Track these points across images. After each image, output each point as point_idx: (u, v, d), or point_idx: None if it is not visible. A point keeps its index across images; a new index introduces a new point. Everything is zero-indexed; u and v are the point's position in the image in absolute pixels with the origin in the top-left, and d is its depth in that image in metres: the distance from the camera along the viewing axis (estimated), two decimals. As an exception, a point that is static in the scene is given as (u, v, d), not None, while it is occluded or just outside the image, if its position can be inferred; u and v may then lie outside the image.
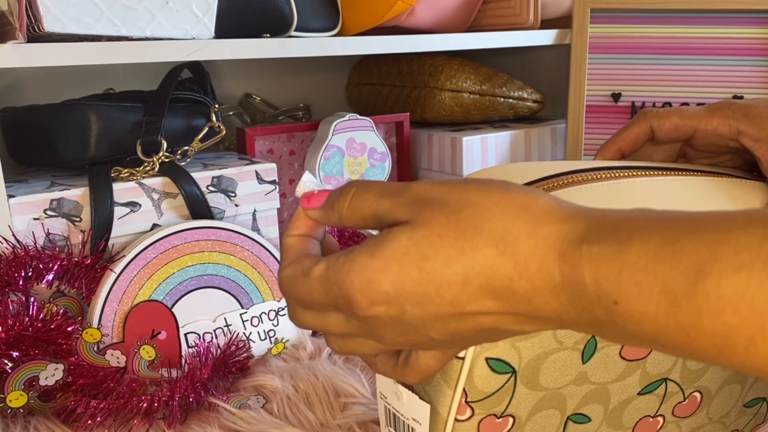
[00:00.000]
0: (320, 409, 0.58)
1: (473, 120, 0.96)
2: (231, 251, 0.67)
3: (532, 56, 1.07)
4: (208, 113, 0.74)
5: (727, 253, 0.25)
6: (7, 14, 0.59)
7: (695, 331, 0.26)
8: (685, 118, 0.46)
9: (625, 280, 0.27)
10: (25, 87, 0.87)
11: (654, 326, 0.27)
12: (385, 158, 0.86)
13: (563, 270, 0.29)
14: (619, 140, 0.48)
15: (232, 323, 0.66)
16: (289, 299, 0.35)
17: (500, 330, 0.32)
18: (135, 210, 0.65)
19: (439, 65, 0.94)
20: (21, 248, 0.59)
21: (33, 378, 0.55)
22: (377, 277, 0.31)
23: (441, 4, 0.86)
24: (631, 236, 0.28)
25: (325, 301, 0.33)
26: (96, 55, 0.61)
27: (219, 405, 0.58)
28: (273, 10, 0.73)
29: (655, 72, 0.88)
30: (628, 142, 0.48)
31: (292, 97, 1.06)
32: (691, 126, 0.46)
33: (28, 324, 0.56)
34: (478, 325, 0.31)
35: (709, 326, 0.25)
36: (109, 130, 0.68)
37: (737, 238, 0.25)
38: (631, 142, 0.48)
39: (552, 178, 0.41)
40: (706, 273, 0.25)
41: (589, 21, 0.88)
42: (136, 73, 0.93)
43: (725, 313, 0.25)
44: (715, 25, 0.85)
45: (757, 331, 0.24)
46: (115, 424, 0.56)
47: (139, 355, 0.60)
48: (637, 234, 0.28)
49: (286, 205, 0.85)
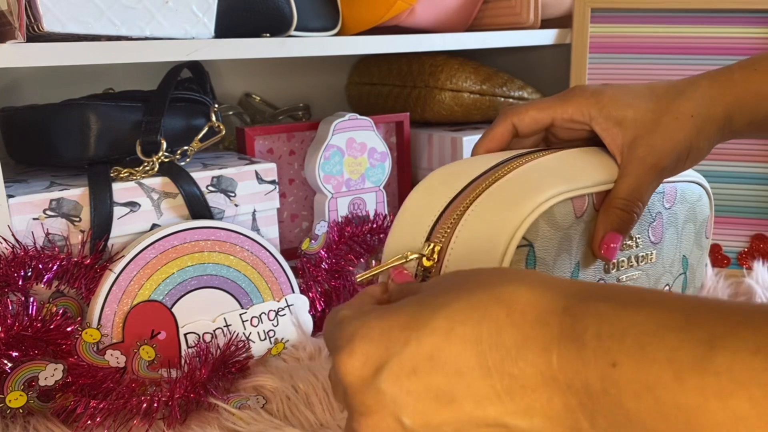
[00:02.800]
0: (320, 410, 0.58)
1: (473, 120, 0.96)
2: (231, 251, 0.67)
3: (532, 56, 1.07)
4: (207, 113, 0.74)
5: (745, 333, 0.22)
6: (6, 14, 0.59)
7: (697, 415, 0.22)
8: (542, 110, 0.49)
9: (631, 340, 0.24)
10: (24, 87, 0.87)
11: (650, 402, 0.23)
12: (385, 158, 0.86)
13: (563, 323, 0.26)
14: (486, 141, 0.50)
15: (232, 323, 0.66)
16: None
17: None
18: (135, 210, 0.65)
19: (439, 65, 0.94)
20: (20, 248, 0.58)
21: (32, 378, 0.55)
22: (372, 323, 0.30)
23: (441, 4, 0.86)
24: (643, 301, 0.26)
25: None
26: (95, 55, 0.61)
27: (219, 405, 0.58)
28: (273, 9, 0.73)
29: (655, 72, 0.87)
30: (495, 142, 0.50)
31: (292, 97, 1.06)
32: (549, 116, 0.49)
33: (28, 324, 0.56)
34: (459, 414, 0.28)
35: (716, 409, 0.22)
36: (108, 130, 0.68)
37: (759, 321, 0.23)
38: (498, 141, 0.50)
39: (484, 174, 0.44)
40: (720, 348, 0.22)
41: (589, 21, 0.88)
42: (135, 73, 0.93)
43: (736, 397, 0.22)
44: (715, 25, 0.85)
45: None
46: (115, 425, 0.56)
47: (138, 356, 0.60)
48: (649, 301, 0.26)
49: (285, 205, 0.85)
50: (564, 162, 0.46)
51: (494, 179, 0.43)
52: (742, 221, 0.84)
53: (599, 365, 0.25)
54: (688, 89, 0.46)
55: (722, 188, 0.84)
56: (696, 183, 0.54)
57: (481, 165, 0.45)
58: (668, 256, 0.52)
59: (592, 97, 0.47)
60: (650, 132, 0.45)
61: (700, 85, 0.47)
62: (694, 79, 0.48)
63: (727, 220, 0.84)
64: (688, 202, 0.53)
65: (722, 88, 0.46)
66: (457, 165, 0.46)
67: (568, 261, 0.44)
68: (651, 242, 0.50)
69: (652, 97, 0.47)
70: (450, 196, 0.43)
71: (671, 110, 0.45)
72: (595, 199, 0.45)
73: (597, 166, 0.46)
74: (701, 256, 0.56)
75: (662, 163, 0.45)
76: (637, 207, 0.44)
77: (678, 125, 0.45)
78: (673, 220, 0.52)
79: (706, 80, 0.47)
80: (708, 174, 0.84)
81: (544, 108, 0.49)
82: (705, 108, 0.46)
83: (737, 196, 0.84)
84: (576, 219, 0.43)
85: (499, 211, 0.41)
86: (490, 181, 0.43)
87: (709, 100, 0.46)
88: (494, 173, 0.44)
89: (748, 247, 0.84)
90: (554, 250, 0.42)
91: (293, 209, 0.86)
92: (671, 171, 0.46)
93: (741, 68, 0.47)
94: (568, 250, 0.44)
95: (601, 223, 0.44)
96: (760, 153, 0.83)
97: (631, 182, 0.44)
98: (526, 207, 0.41)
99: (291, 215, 0.86)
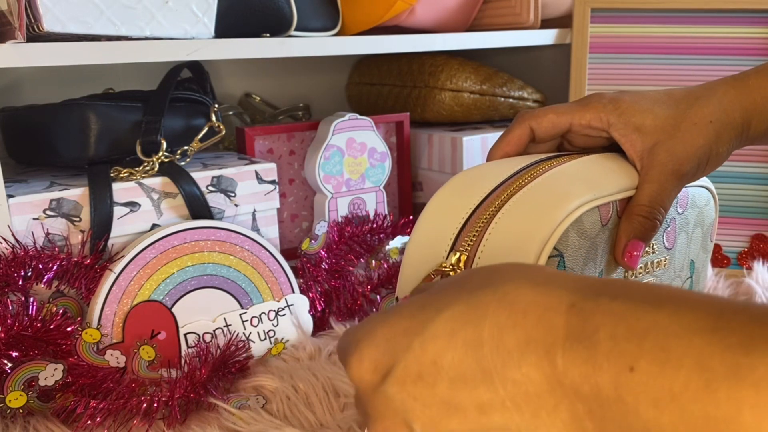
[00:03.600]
0: (320, 410, 0.58)
1: (473, 120, 0.96)
2: (231, 251, 0.67)
3: (533, 56, 1.07)
4: (207, 113, 0.74)
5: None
6: (6, 14, 0.59)
7: (729, 428, 0.20)
8: (560, 114, 0.48)
9: (651, 342, 0.22)
10: (24, 87, 0.87)
11: (674, 412, 0.21)
12: (385, 158, 0.86)
13: (571, 322, 0.25)
14: (503, 144, 0.50)
15: (232, 323, 0.66)
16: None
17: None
18: (134, 210, 0.65)
19: (440, 65, 0.94)
20: (20, 248, 0.58)
21: (32, 378, 0.55)
22: (374, 328, 0.30)
23: (441, 4, 0.86)
24: (661, 300, 0.23)
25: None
26: (95, 55, 0.61)
27: (219, 405, 0.58)
28: (273, 9, 0.73)
29: (655, 72, 0.87)
30: (512, 146, 0.49)
31: (292, 97, 1.06)
32: (567, 121, 0.48)
33: (28, 324, 0.56)
34: (466, 423, 0.27)
35: (750, 422, 0.19)
36: (108, 129, 0.68)
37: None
38: (515, 145, 0.49)
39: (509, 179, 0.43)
40: (758, 354, 0.20)
41: (589, 21, 0.88)
42: (135, 73, 0.93)
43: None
44: (715, 25, 0.85)
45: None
46: (115, 425, 0.56)
47: (138, 356, 0.60)
48: (669, 298, 0.23)
49: (285, 205, 0.85)
50: (587, 168, 0.45)
51: (519, 186, 0.42)
52: (742, 221, 0.84)
53: (613, 369, 0.23)
54: (705, 95, 0.46)
55: (722, 188, 0.84)
56: (704, 187, 0.53)
57: (504, 170, 0.44)
58: (679, 261, 0.52)
59: (610, 103, 0.47)
60: (670, 138, 0.45)
61: (717, 90, 0.46)
62: (710, 84, 0.47)
63: (727, 220, 0.84)
64: (698, 206, 0.53)
65: (739, 93, 0.46)
66: (477, 170, 0.45)
67: (594, 270, 0.43)
68: (665, 248, 0.50)
69: (671, 103, 0.46)
70: (474, 203, 0.42)
71: (690, 116, 0.45)
72: (619, 206, 0.44)
73: (618, 172, 0.46)
74: (706, 260, 0.56)
75: (683, 168, 0.44)
76: (659, 213, 0.44)
77: (698, 131, 0.45)
78: (685, 225, 0.51)
79: (722, 86, 0.47)
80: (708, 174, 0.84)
81: (563, 113, 0.48)
82: (723, 113, 0.45)
83: (737, 196, 0.84)
84: (602, 227, 0.43)
85: (529, 219, 0.40)
86: (516, 188, 0.42)
87: (728, 106, 0.46)
88: (518, 179, 0.43)
89: (748, 247, 0.84)
90: (582, 259, 0.41)
91: (293, 209, 0.86)
92: (692, 177, 0.46)
93: (757, 74, 0.47)
94: (594, 259, 0.43)
95: (623, 230, 0.44)
96: (760, 153, 0.83)
97: (653, 189, 0.44)
98: (557, 216, 0.39)
99: (291, 215, 0.86)
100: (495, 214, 0.40)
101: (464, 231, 0.41)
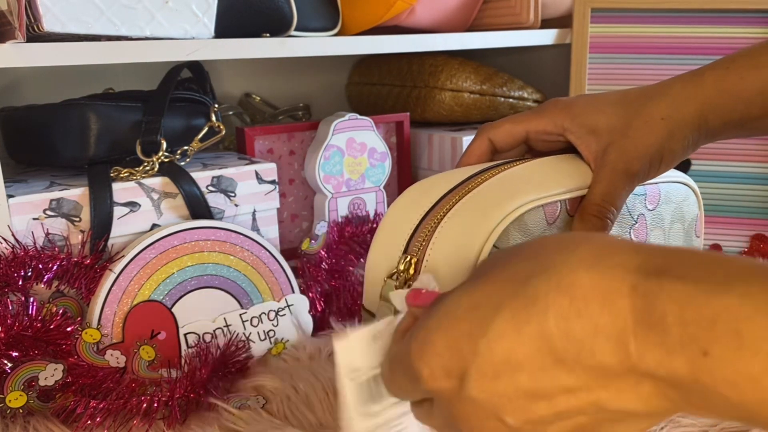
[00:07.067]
0: (320, 410, 0.58)
1: (473, 120, 0.96)
2: (231, 251, 0.67)
3: (532, 56, 1.07)
4: (207, 113, 0.74)
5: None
6: (6, 14, 0.59)
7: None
8: (516, 123, 0.49)
9: (723, 326, 0.22)
10: (24, 87, 0.87)
11: (757, 394, 0.21)
12: (385, 158, 0.86)
13: (636, 305, 0.24)
14: (466, 158, 0.51)
15: (232, 323, 0.66)
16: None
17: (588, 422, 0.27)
18: (134, 210, 0.65)
19: (440, 65, 0.94)
20: (20, 248, 0.58)
21: (32, 378, 0.55)
22: (430, 336, 0.30)
23: (441, 4, 0.86)
24: (730, 277, 0.23)
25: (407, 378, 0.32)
26: (95, 55, 0.61)
27: (219, 405, 0.58)
28: (273, 9, 0.73)
29: (655, 72, 0.87)
30: (474, 158, 0.51)
31: (292, 97, 1.06)
32: (523, 129, 0.49)
33: (28, 324, 0.56)
34: (555, 407, 0.27)
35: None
36: (108, 129, 0.68)
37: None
38: (477, 157, 0.51)
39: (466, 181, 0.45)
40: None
41: (589, 21, 0.88)
42: (135, 73, 0.93)
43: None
44: (715, 25, 0.85)
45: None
46: (115, 425, 0.56)
47: (138, 356, 0.60)
48: (738, 275, 0.23)
49: (285, 205, 0.85)
50: (535, 170, 0.47)
51: (467, 190, 0.44)
52: (742, 221, 0.84)
53: (687, 354, 0.23)
54: (659, 93, 0.46)
55: (722, 188, 0.84)
56: (681, 183, 0.54)
57: (456, 177, 0.46)
58: None
59: (564, 108, 0.48)
60: (622, 137, 0.45)
61: (671, 87, 0.46)
62: (666, 82, 0.47)
63: (727, 220, 0.84)
64: (674, 202, 0.53)
65: (693, 89, 0.46)
66: (433, 178, 0.48)
67: None
68: None
69: (624, 103, 0.47)
70: (426, 208, 0.44)
71: (642, 114, 0.45)
72: (569, 204, 0.46)
73: (570, 172, 0.47)
74: None
75: (633, 167, 0.45)
76: (610, 213, 0.45)
77: (649, 129, 0.45)
78: (659, 222, 0.52)
79: (678, 83, 0.47)
80: (708, 174, 0.84)
81: (519, 121, 0.49)
82: (676, 110, 0.45)
83: (737, 196, 0.84)
84: (548, 225, 0.44)
85: (471, 220, 0.42)
86: (464, 192, 0.44)
87: (681, 102, 0.46)
88: (468, 184, 0.45)
89: (748, 247, 0.84)
90: None
91: (293, 209, 0.86)
92: (644, 175, 0.46)
93: (712, 69, 0.47)
94: None
95: (576, 229, 0.45)
96: (759, 153, 0.83)
97: (603, 188, 0.45)
98: (497, 215, 0.41)
99: (291, 215, 0.86)
100: (443, 218, 0.43)
101: (415, 235, 0.44)
